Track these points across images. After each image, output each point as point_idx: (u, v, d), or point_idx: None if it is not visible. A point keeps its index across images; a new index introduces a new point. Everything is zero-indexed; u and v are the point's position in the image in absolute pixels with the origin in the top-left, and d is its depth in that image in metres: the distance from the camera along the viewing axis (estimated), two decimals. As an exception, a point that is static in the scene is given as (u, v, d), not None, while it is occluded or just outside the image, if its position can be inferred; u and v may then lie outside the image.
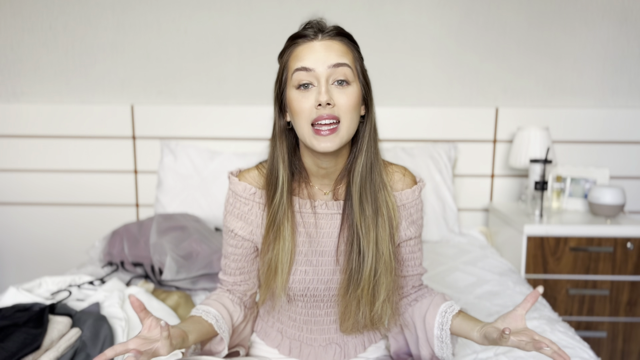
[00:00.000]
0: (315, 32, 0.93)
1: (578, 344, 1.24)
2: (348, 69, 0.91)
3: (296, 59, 0.92)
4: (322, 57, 0.90)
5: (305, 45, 0.92)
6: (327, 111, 0.89)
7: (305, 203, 1.02)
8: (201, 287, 1.63)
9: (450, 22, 2.26)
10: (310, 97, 0.90)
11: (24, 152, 2.34)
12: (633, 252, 1.87)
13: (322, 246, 1.01)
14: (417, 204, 1.06)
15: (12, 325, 1.14)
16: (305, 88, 0.91)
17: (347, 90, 0.91)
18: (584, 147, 2.29)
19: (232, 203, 1.04)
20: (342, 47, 0.93)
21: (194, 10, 2.27)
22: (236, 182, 1.03)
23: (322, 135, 0.90)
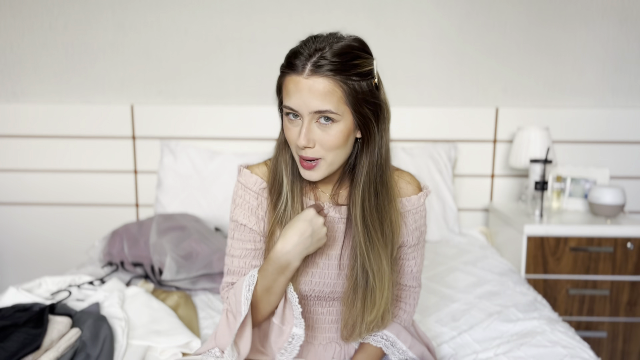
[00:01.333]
0: (304, 64, 0.88)
1: (578, 344, 1.24)
2: (331, 114, 0.89)
3: (285, 91, 0.91)
4: (306, 101, 0.88)
5: (292, 79, 0.89)
6: (308, 152, 0.91)
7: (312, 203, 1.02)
8: (201, 287, 1.63)
9: (450, 22, 2.26)
10: (297, 128, 0.92)
11: (24, 152, 2.34)
12: (633, 252, 1.87)
13: (328, 249, 1.02)
14: (421, 211, 1.06)
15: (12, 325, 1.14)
16: (293, 117, 0.92)
17: (331, 128, 0.90)
18: (584, 147, 2.29)
19: (241, 196, 1.02)
20: (327, 87, 0.87)
21: (194, 10, 2.26)
22: (248, 174, 1.02)
23: (305, 168, 0.93)
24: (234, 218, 1.02)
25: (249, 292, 0.94)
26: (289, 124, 0.93)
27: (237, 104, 2.33)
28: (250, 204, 1.01)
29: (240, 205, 1.02)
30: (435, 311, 1.47)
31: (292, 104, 0.90)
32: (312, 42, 0.90)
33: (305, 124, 0.90)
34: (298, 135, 0.91)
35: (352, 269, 1.00)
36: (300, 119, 0.91)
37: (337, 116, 0.89)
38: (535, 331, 1.31)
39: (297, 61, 0.89)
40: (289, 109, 0.91)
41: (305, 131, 0.90)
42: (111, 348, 1.18)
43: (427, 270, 1.80)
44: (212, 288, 1.63)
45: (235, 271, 1.03)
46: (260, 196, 1.01)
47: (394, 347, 1.05)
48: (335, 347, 1.08)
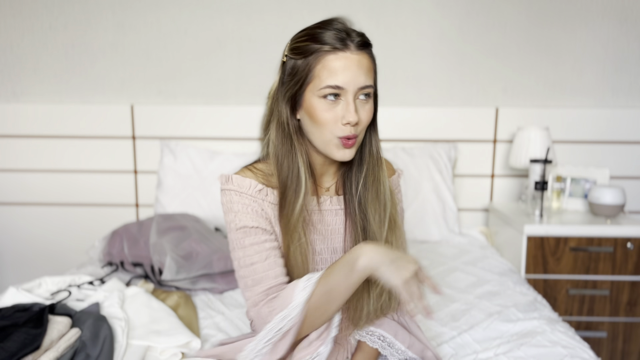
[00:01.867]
0: (344, 40, 0.90)
1: (578, 344, 1.24)
2: (371, 89, 0.94)
3: (327, 71, 0.90)
4: (354, 77, 0.90)
5: (338, 55, 0.90)
6: (352, 131, 0.92)
7: (313, 200, 1.02)
8: (201, 287, 1.63)
9: (450, 22, 2.26)
10: (337, 109, 0.91)
11: (24, 152, 2.34)
12: (633, 252, 1.87)
13: (329, 243, 1.03)
14: (400, 190, 1.12)
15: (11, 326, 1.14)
16: (334, 98, 0.91)
17: (367, 105, 0.95)
18: (584, 147, 2.29)
19: (238, 201, 0.96)
20: (370, 64, 0.95)
21: (194, 10, 2.26)
22: (240, 178, 0.96)
23: (347, 147, 0.93)
24: (239, 225, 0.95)
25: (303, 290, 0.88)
26: (327, 105, 0.91)
27: (237, 104, 2.33)
28: (252, 206, 0.96)
29: (242, 210, 0.95)
30: (435, 311, 1.47)
31: (340, 81, 0.90)
32: (337, 24, 0.94)
33: (351, 101, 0.91)
34: (344, 113, 0.91)
35: None
36: (340, 99, 0.91)
37: (372, 91, 0.95)
38: (535, 331, 1.31)
39: (348, 39, 0.91)
40: (335, 87, 0.90)
41: (354, 107, 0.91)
42: (111, 348, 1.18)
43: (427, 270, 1.80)
44: (212, 288, 1.63)
45: (263, 278, 0.93)
46: (257, 199, 0.96)
47: (391, 347, 1.04)
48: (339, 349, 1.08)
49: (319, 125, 0.92)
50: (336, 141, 0.93)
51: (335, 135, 0.92)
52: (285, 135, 0.97)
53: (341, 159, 0.95)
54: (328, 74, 0.90)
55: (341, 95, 0.91)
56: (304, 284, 0.90)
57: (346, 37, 0.91)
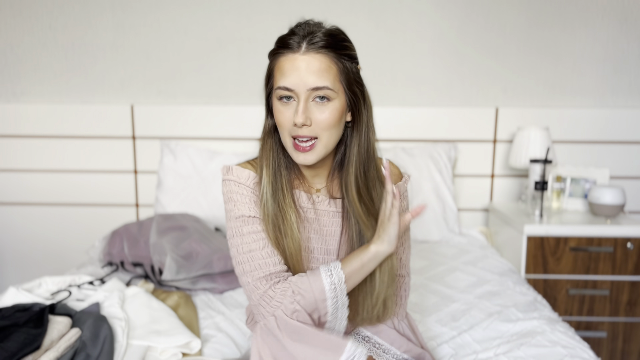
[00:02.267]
0: (300, 42, 0.91)
1: (578, 344, 1.24)
2: (327, 90, 0.91)
3: (280, 73, 0.92)
4: (303, 77, 0.90)
5: (288, 57, 0.91)
6: (304, 131, 0.92)
7: (304, 196, 1.03)
8: (201, 287, 1.63)
9: (450, 23, 2.26)
10: (290, 110, 0.92)
11: (24, 152, 2.34)
12: (633, 252, 1.87)
13: (322, 244, 1.03)
14: (406, 197, 1.10)
15: (12, 325, 1.14)
16: (287, 100, 0.93)
17: (326, 107, 0.92)
18: (584, 147, 2.29)
19: (237, 191, 0.99)
20: (324, 64, 0.91)
21: (194, 11, 2.27)
22: (240, 169, 1.00)
23: (300, 151, 0.93)
24: (238, 214, 0.98)
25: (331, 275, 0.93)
26: (281, 107, 0.93)
27: (237, 104, 2.33)
28: (250, 197, 0.99)
29: (240, 200, 0.98)
30: (435, 311, 1.47)
31: (288, 83, 0.91)
32: (302, 26, 0.94)
33: (301, 103, 0.91)
34: (294, 114, 0.91)
35: None
36: (294, 100, 0.92)
37: (332, 93, 0.92)
38: (535, 331, 1.31)
39: (292, 40, 0.92)
40: (285, 89, 0.91)
41: (302, 109, 0.90)
42: (111, 348, 1.18)
43: (427, 270, 1.80)
44: (212, 288, 1.63)
45: (261, 265, 0.96)
46: (255, 190, 0.99)
47: (387, 354, 1.04)
48: None
49: (279, 126, 0.95)
50: (292, 144, 0.94)
51: (290, 135, 0.94)
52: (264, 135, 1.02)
53: (301, 163, 0.95)
54: (280, 76, 0.93)
55: (294, 97, 0.92)
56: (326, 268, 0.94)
57: (297, 39, 0.92)
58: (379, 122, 1.09)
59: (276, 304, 0.94)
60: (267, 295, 0.94)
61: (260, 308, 0.96)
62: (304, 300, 0.93)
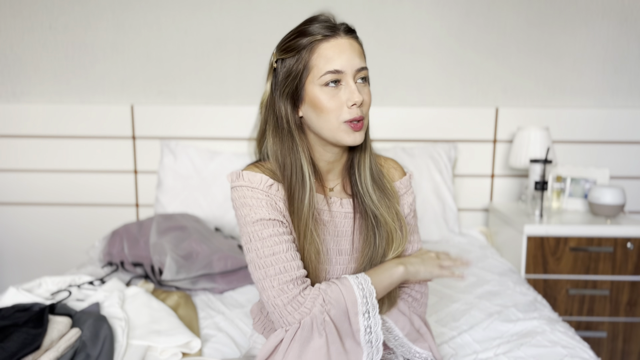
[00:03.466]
0: (332, 28, 0.94)
1: (578, 344, 1.24)
2: (367, 71, 0.97)
3: (324, 58, 0.92)
4: (350, 59, 0.93)
5: (330, 42, 0.93)
6: (359, 112, 0.94)
7: (320, 198, 1.02)
8: (201, 287, 1.63)
9: (450, 22, 2.26)
10: (340, 95, 0.93)
11: (24, 152, 2.34)
12: (633, 252, 1.87)
13: (340, 244, 1.04)
14: (412, 192, 1.12)
15: (12, 325, 1.14)
16: (335, 84, 0.93)
17: (367, 88, 0.97)
18: (584, 147, 2.29)
19: (250, 196, 0.95)
20: (360, 48, 0.97)
21: (194, 10, 2.27)
22: (251, 174, 0.97)
23: (355, 130, 0.94)
24: (256, 218, 0.94)
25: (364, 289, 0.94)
26: (330, 91, 0.93)
27: (237, 104, 2.33)
28: (266, 200, 0.95)
29: (257, 204, 0.95)
30: (435, 311, 1.47)
31: (338, 65, 0.92)
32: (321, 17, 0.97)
33: (352, 84, 0.93)
34: (348, 96, 0.93)
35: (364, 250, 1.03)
36: (340, 84, 0.93)
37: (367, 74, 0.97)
38: (535, 331, 1.31)
39: (334, 26, 0.94)
40: (335, 72, 0.92)
41: (357, 88, 0.93)
42: (111, 348, 1.18)
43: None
44: (212, 288, 1.64)
45: (287, 268, 0.92)
46: (268, 194, 0.96)
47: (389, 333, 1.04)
48: None
49: (325, 114, 0.94)
50: (344, 127, 0.94)
51: (342, 120, 0.93)
52: (285, 134, 0.98)
53: (352, 143, 0.95)
54: (325, 61, 0.92)
55: (341, 81, 0.93)
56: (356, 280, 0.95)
57: (333, 24, 0.95)
58: (379, 122, 1.11)
59: (305, 311, 0.90)
60: (297, 300, 0.90)
61: (285, 313, 0.91)
62: (335, 311, 0.90)
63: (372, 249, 1.02)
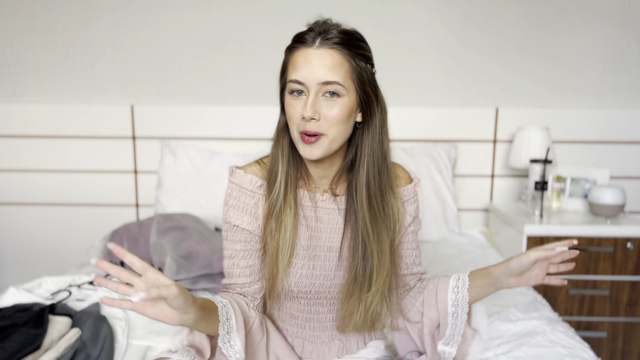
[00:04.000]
0: (314, 37, 0.92)
1: (578, 344, 1.24)
2: (338, 86, 0.91)
3: (292, 66, 0.93)
4: (314, 71, 0.90)
5: (301, 52, 0.92)
6: (311, 125, 0.91)
7: (307, 195, 1.03)
8: (201, 287, 1.63)
9: (450, 22, 2.26)
10: (300, 104, 0.92)
11: (24, 152, 2.34)
12: (633, 252, 1.87)
13: (325, 241, 1.02)
14: (417, 200, 1.09)
15: (12, 326, 1.14)
16: (298, 94, 0.93)
17: (335, 102, 0.92)
18: (584, 147, 2.29)
19: (236, 197, 1.01)
20: (336, 59, 0.91)
21: (194, 10, 2.27)
22: (242, 174, 1.01)
23: (305, 143, 0.93)
24: (226, 220, 1.01)
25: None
26: (292, 100, 0.93)
27: (237, 104, 2.33)
28: (246, 203, 1.00)
29: (234, 206, 1.01)
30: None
31: (299, 75, 0.91)
32: (320, 23, 0.96)
33: (311, 96, 0.91)
34: (303, 108, 0.91)
35: (352, 259, 1.00)
36: (305, 95, 0.92)
37: (342, 90, 0.91)
38: (535, 331, 1.31)
39: (307, 35, 0.93)
40: (296, 82, 0.92)
41: (312, 102, 0.90)
42: (111, 348, 1.18)
43: (427, 271, 1.80)
44: (212, 288, 1.63)
45: (235, 272, 1.02)
46: (256, 194, 1.01)
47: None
48: (338, 344, 1.08)
49: (289, 120, 0.95)
50: (299, 138, 0.94)
51: (298, 130, 0.94)
52: (276, 131, 1.03)
53: (306, 157, 0.95)
54: (292, 69, 0.93)
55: (304, 91, 0.92)
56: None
57: (312, 34, 0.93)
58: None
59: None
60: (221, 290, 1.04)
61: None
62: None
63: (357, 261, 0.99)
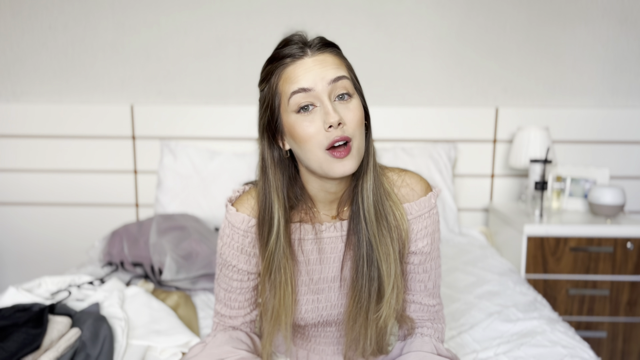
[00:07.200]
0: (302, 48, 0.84)
1: (578, 344, 1.24)
2: (347, 81, 0.84)
3: (289, 81, 0.83)
4: (319, 74, 0.82)
5: (297, 64, 0.83)
6: (339, 133, 0.81)
7: (309, 229, 0.95)
8: (201, 287, 1.63)
9: (450, 22, 2.26)
10: (316, 119, 0.82)
11: (24, 152, 2.34)
12: (633, 252, 1.87)
13: (329, 272, 0.97)
14: (433, 215, 0.96)
15: (11, 325, 1.14)
16: (306, 111, 0.83)
17: (350, 104, 0.84)
18: (584, 147, 2.29)
19: (229, 235, 0.95)
20: (335, 59, 0.85)
21: (194, 10, 2.27)
22: (233, 212, 0.94)
23: (339, 159, 0.82)
24: (222, 255, 0.97)
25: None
26: (303, 120, 0.82)
27: (237, 104, 2.33)
28: (240, 242, 0.95)
29: (228, 244, 0.95)
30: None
31: (304, 82, 0.82)
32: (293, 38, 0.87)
33: (326, 102, 0.81)
34: (323, 118, 0.81)
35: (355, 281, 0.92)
36: (314, 107, 0.83)
37: (351, 87, 0.85)
38: (535, 331, 1.31)
39: (294, 48, 0.84)
40: (301, 90, 0.81)
41: (331, 107, 0.81)
42: (111, 348, 1.18)
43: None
44: (212, 288, 1.63)
45: (222, 301, 1.00)
46: (249, 233, 0.94)
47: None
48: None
49: (304, 144, 0.83)
50: (327, 156, 0.82)
51: (323, 147, 0.82)
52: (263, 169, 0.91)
53: (342, 174, 0.83)
54: (290, 84, 0.83)
55: (315, 103, 0.83)
56: None
57: (303, 45, 0.85)
58: (379, 122, 1.06)
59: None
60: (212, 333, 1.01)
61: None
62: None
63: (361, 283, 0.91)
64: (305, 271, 0.96)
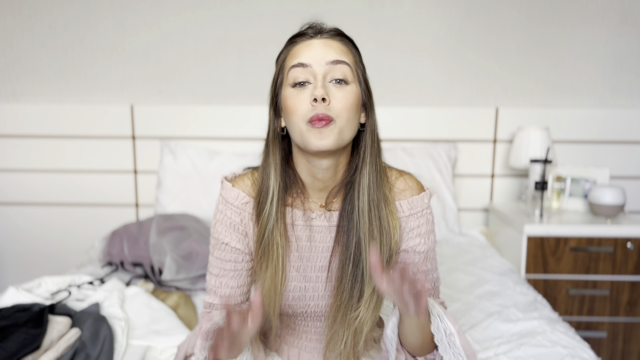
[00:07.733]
0: (315, 32, 0.90)
1: (578, 344, 1.24)
2: (347, 68, 0.87)
3: (293, 57, 0.88)
4: (320, 54, 0.86)
5: (303, 43, 0.89)
6: (322, 109, 0.83)
7: (300, 215, 0.95)
8: (201, 287, 1.63)
9: (450, 22, 2.26)
10: (306, 93, 0.85)
11: (24, 152, 2.34)
12: (633, 252, 1.87)
13: (317, 261, 0.96)
14: (426, 214, 0.97)
15: (11, 326, 1.14)
16: (301, 86, 0.86)
17: (344, 88, 0.86)
18: (584, 147, 2.29)
19: (222, 211, 0.95)
20: (342, 47, 0.89)
21: (194, 11, 2.26)
22: (229, 187, 0.95)
23: (316, 128, 0.84)
24: (214, 235, 0.96)
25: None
26: (295, 93, 0.86)
27: (237, 104, 2.33)
28: (232, 219, 0.94)
29: (221, 221, 0.95)
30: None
31: (303, 59, 0.86)
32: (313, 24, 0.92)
33: (319, 79, 0.85)
34: (312, 91, 0.85)
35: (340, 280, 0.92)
36: (310, 84, 0.86)
37: (351, 75, 0.88)
38: (536, 331, 1.31)
39: (308, 31, 0.90)
40: (299, 65, 0.86)
41: (320, 84, 0.84)
42: (111, 348, 1.18)
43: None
44: (212, 288, 1.63)
45: (212, 290, 0.97)
46: (242, 211, 0.94)
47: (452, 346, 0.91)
48: None
49: (291, 114, 0.86)
50: (308, 127, 0.84)
51: (306, 119, 0.84)
52: (267, 141, 0.94)
53: (317, 148, 0.84)
54: (293, 58, 0.88)
55: (310, 80, 0.86)
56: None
57: (311, 28, 0.91)
58: (379, 122, 1.05)
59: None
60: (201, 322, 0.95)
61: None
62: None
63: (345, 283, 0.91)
64: (296, 256, 0.95)
